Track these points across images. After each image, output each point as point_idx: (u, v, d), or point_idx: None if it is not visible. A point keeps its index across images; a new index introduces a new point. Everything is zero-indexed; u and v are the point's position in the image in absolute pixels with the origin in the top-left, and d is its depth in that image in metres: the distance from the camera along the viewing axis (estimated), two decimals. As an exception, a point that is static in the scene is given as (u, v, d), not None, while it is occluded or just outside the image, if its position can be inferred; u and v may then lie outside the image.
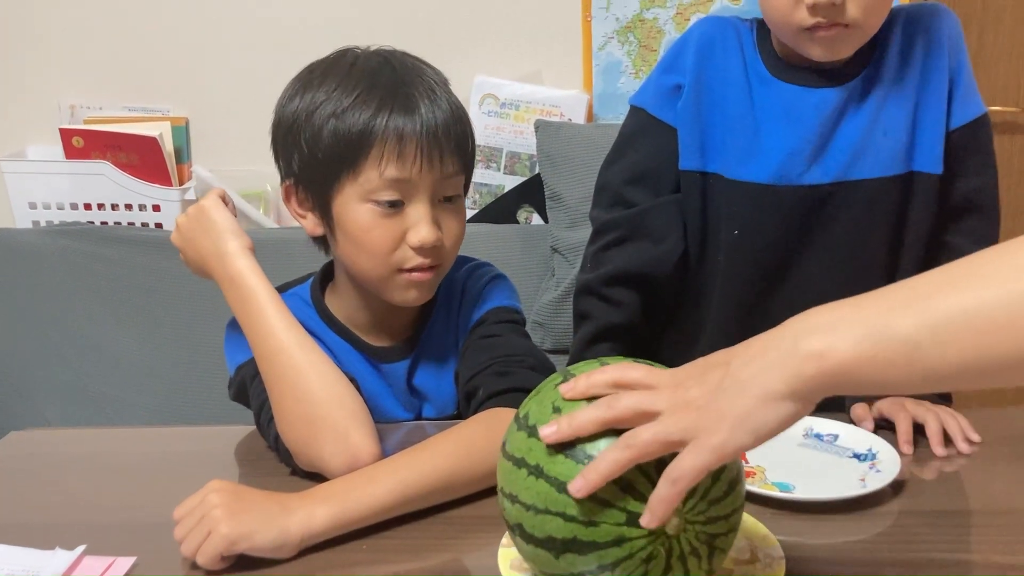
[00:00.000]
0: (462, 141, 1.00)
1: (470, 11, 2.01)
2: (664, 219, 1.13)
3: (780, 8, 1.03)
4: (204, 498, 0.81)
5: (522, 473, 0.68)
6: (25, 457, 1.05)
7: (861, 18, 1.00)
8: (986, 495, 0.89)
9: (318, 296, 1.08)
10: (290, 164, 1.00)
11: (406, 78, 0.98)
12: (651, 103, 1.15)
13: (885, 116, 1.08)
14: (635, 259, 1.13)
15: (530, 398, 0.73)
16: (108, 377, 1.85)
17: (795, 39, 1.05)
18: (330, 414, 0.91)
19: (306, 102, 0.98)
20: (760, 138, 1.10)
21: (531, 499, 0.67)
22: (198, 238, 1.00)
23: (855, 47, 1.05)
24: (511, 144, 2.01)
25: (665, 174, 1.13)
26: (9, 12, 2.06)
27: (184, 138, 2.04)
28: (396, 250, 0.97)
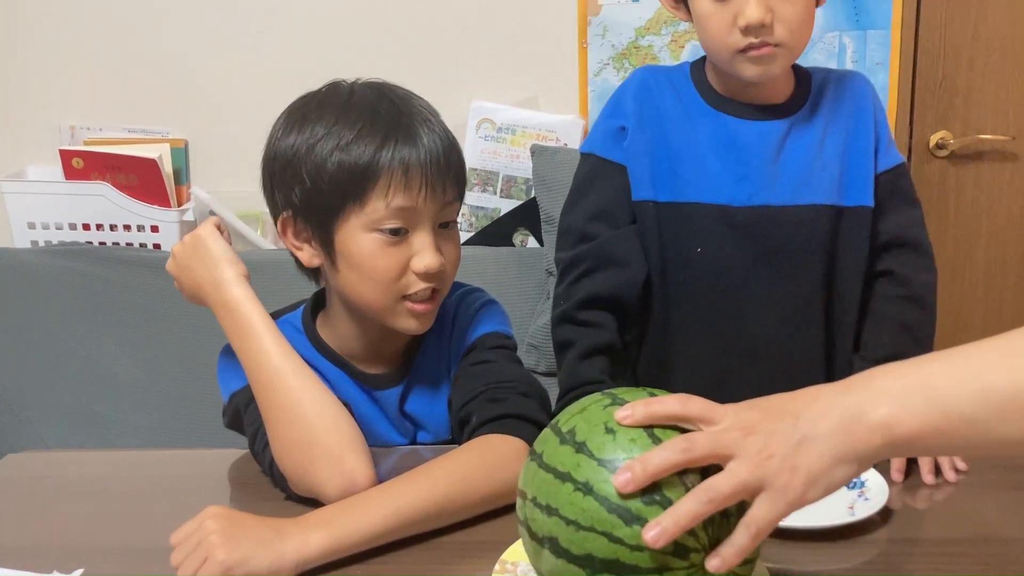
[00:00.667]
0: (459, 168, 1.02)
1: (468, 37, 2.03)
2: (626, 246, 1.20)
3: (716, 34, 1.13)
4: (201, 524, 0.82)
5: (567, 487, 0.68)
6: (23, 480, 1.06)
7: (788, 38, 1.11)
8: (974, 524, 0.91)
9: (310, 324, 1.09)
10: (289, 197, 1.01)
11: (404, 109, 1.00)
12: (599, 147, 1.24)
13: (823, 150, 1.19)
14: (605, 284, 1.19)
15: (573, 413, 0.72)
16: (104, 397, 1.86)
17: (730, 61, 1.14)
18: (325, 439, 0.92)
19: (305, 136, 0.99)
20: (707, 164, 1.19)
21: (575, 515, 0.67)
22: (194, 266, 1.01)
23: (783, 67, 1.16)
24: (507, 168, 2.03)
25: (621, 209, 1.21)
26: (11, 34, 2.08)
27: (183, 160, 2.06)
28: (401, 277, 0.99)
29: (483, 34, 2.03)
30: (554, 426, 0.73)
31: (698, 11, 1.14)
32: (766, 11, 1.09)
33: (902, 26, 1.99)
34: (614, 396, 0.72)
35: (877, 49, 2.00)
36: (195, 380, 1.83)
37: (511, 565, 0.80)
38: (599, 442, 0.68)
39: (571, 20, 2.02)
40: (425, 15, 2.03)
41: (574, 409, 0.73)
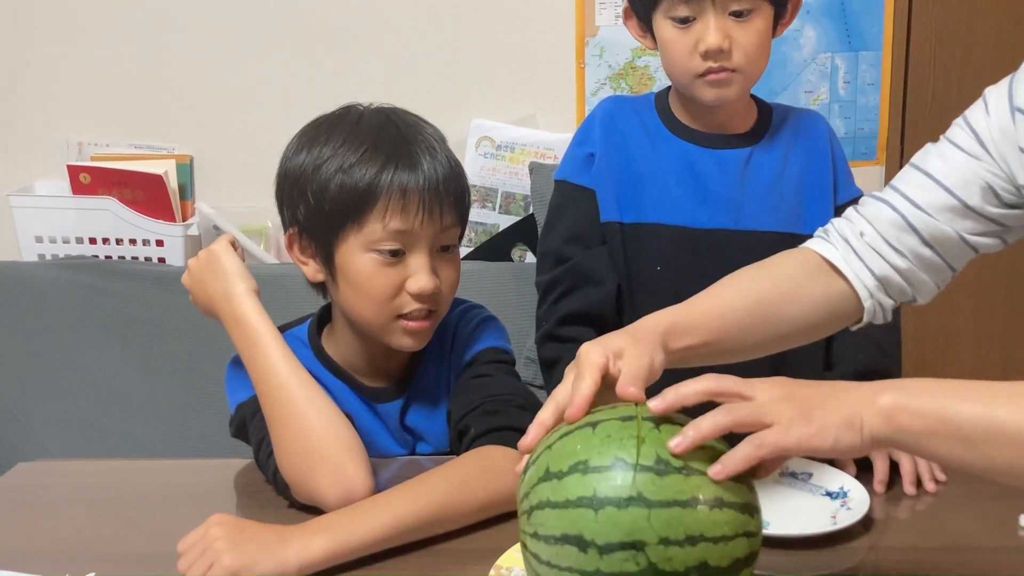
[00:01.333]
0: (460, 195, 1.06)
1: (468, 57, 2.07)
2: (599, 264, 1.27)
3: (678, 58, 1.20)
4: (207, 531, 0.86)
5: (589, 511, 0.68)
6: (33, 488, 1.09)
7: (744, 64, 1.19)
8: (953, 533, 0.94)
9: (315, 337, 1.12)
10: (295, 214, 1.06)
11: (408, 135, 1.04)
12: (570, 174, 1.32)
13: (782, 180, 1.27)
14: (583, 302, 1.26)
15: (544, 455, 0.73)
16: (109, 408, 1.88)
17: (690, 84, 1.22)
18: (327, 448, 0.95)
19: (312, 156, 1.03)
20: (669, 188, 1.27)
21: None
22: (207, 280, 1.05)
23: (739, 91, 1.23)
24: (506, 185, 2.06)
25: (591, 231, 1.29)
26: (20, 52, 2.12)
27: (188, 175, 2.09)
28: (396, 297, 1.02)
29: (484, 54, 2.07)
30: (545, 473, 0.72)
31: (662, 37, 1.22)
32: (724, 37, 1.17)
33: (893, 47, 2.03)
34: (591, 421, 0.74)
35: (869, 70, 2.04)
36: (198, 392, 1.86)
37: (505, 570, 0.84)
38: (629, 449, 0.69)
39: (569, 41, 2.06)
40: (427, 36, 2.07)
41: (545, 454, 0.73)
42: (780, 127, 1.30)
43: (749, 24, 1.19)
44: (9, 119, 2.14)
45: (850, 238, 0.97)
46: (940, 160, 0.94)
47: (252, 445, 1.05)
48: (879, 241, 0.96)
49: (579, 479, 0.69)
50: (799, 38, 2.06)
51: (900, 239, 0.95)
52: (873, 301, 0.97)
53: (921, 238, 0.94)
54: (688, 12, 1.18)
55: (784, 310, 0.96)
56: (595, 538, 0.68)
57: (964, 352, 2.14)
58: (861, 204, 1.00)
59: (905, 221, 0.94)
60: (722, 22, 1.18)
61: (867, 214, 0.97)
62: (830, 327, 0.99)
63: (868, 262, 0.96)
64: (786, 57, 2.05)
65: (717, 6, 1.18)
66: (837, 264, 0.97)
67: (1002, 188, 0.92)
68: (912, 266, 0.95)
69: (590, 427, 0.72)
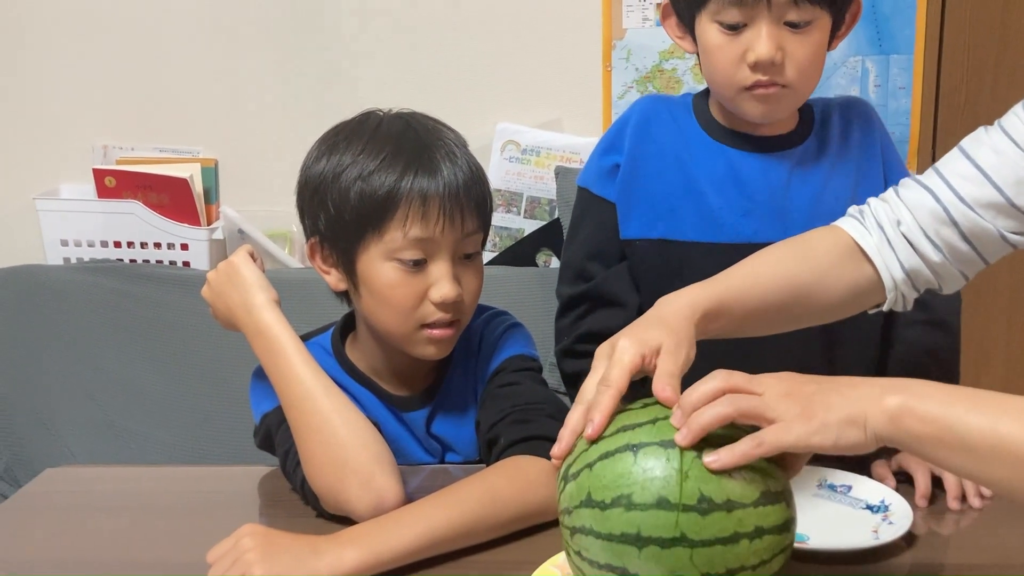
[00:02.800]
0: (481, 201, 1.04)
1: (494, 60, 2.06)
2: (619, 285, 1.20)
3: (723, 68, 1.10)
4: (238, 541, 0.85)
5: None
6: (61, 494, 1.09)
7: (796, 80, 1.09)
8: (998, 550, 0.91)
9: (339, 346, 1.11)
10: (316, 223, 1.05)
11: (428, 141, 1.02)
12: (592, 182, 1.24)
13: (831, 183, 1.17)
14: (603, 323, 1.19)
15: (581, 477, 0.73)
16: (133, 412, 1.88)
17: (735, 98, 1.12)
18: (355, 458, 0.94)
19: (332, 164, 1.02)
20: (708, 200, 1.17)
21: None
22: (227, 291, 1.04)
23: (789, 109, 1.14)
24: (531, 189, 2.05)
25: (611, 247, 1.21)
26: (46, 56, 2.12)
27: (213, 179, 2.09)
28: (419, 306, 1.01)
29: (509, 57, 2.06)
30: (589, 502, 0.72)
31: (705, 42, 1.11)
32: (777, 48, 1.06)
33: (925, 51, 2.00)
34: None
35: (900, 73, 2.02)
36: (222, 398, 1.85)
37: (540, 584, 0.82)
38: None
39: (596, 44, 2.05)
40: (452, 39, 2.06)
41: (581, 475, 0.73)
42: (825, 125, 1.19)
43: (806, 36, 1.07)
44: (35, 122, 2.15)
45: (885, 226, 0.95)
46: (992, 153, 0.91)
47: (279, 456, 1.04)
48: (916, 232, 0.93)
49: (623, 515, 0.70)
50: (829, 41, 2.03)
51: (939, 232, 0.93)
52: (897, 293, 0.95)
53: (960, 233, 0.92)
54: (739, 18, 1.06)
55: (815, 294, 0.95)
56: (639, 572, 0.70)
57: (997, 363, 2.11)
58: (902, 187, 0.97)
59: (947, 214, 0.92)
60: (776, 31, 1.06)
61: (908, 201, 0.95)
62: (850, 311, 0.98)
63: (900, 254, 0.94)
64: (815, 60, 2.03)
65: (772, 13, 1.05)
66: (869, 252, 0.95)
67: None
68: (946, 260, 0.93)
69: (631, 452, 0.72)
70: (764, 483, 0.71)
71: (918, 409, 0.69)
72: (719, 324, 0.90)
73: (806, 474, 1.00)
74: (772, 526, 0.70)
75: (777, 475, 0.73)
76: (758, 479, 0.71)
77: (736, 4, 1.05)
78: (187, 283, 1.91)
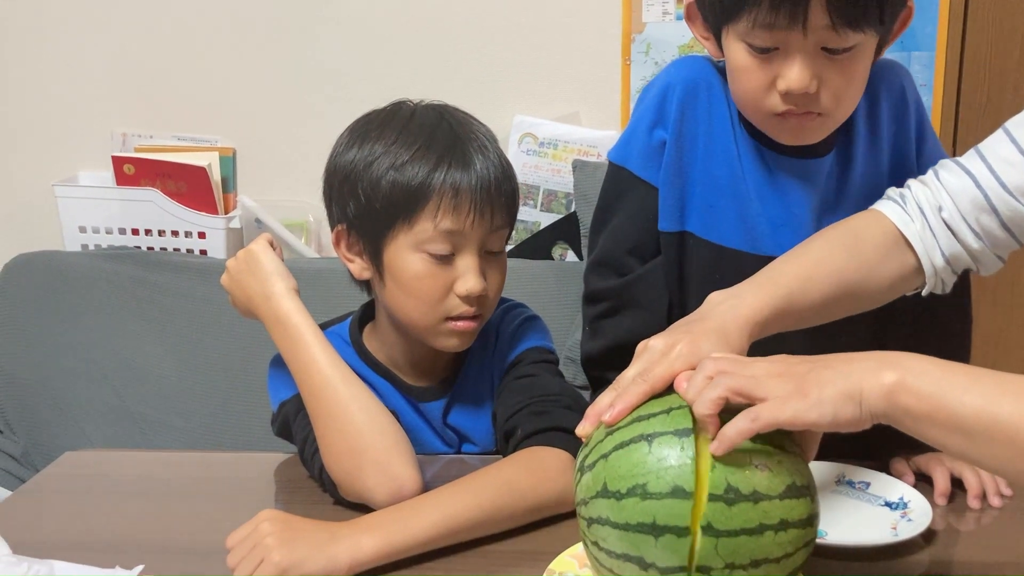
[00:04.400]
0: (511, 196, 1.04)
1: (512, 53, 2.06)
2: (650, 287, 1.10)
3: (751, 92, 0.98)
4: (257, 526, 0.85)
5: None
6: (81, 477, 1.10)
7: (833, 108, 0.97)
8: (1019, 549, 0.91)
9: (357, 336, 1.11)
10: (344, 211, 1.04)
11: (461, 134, 1.02)
12: (634, 161, 1.09)
13: (863, 181, 1.07)
14: (628, 329, 1.09)
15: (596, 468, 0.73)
16: (148, 399, 1.90)
17: (764, 123, 1.02)
18: (373, 446, 0.95)
19: (364, 153, 1.02)
20: (751, 206, 1.06)
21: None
22: (246, 280, 1.04)
23: (824, 135, 1.02)
24: (548, 182, 2.05)
25: (650, 240, 1.09)
26: (66, 44, 2.13)
27: (231, 168, 2.10)
28: (444, 299, 1.01)
29: (527, 50, 2.06)
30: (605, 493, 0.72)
31: (733, 60, 0.98)
32: (812, 78, 0.93)
33: (947, 48, 1.99)
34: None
35: (922, 71, 2.00)
36: (237, 385, 1.86)
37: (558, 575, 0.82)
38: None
39: (615, 37, 2.04)
40: (470, 31, 2.06)
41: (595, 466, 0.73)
42: (858, 111, 1.05)
43: (847, 63, 0.94)
44: (55, 110, 2.16)
45: (927, 211, 0.94)
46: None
47: (296, 443, 1.04)
48: (958, 220, 0.93)
49: (638, 504, 0.70)
50: (850, 37, 2.02)
51: (979, 220, 0.92)
52: (937, 278, 0.96)
53: (1000, 221, 0.92)
54: (770, 42, 0.93)
55: (864, 288, 0.94)
56: (656, 561, 0.70)
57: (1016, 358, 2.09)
58: (943, 168, 0.96)
59: (987, 202, 0.91)
60: (811, 59, 0.92)
61: (949, 186, 0.94)
62: (891, 297, 0.98)
63: (941, 241, 0.94)
64: (836, 56, 2.02)
65: (809, 39, 0.91)
66: (912, 240, 0.94)
67: None
68: (984, 246, 0.94)
69: (646, 442, 0.72)
70: (790, 477, 0.71)
71: (913, 385, 0.67)
72: (778, 328, 0.89)
73: (824, 470, 1.00)
74: (797, 519, 0.70)
75: (803, 470, 0.73)
76: (784, 472, 0.70)
77: (767, 27, 0.91)
78: (204, 271, 1.92)
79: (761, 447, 0.70)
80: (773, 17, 0.90)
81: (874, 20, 0.92)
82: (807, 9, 0.89)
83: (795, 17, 0.90)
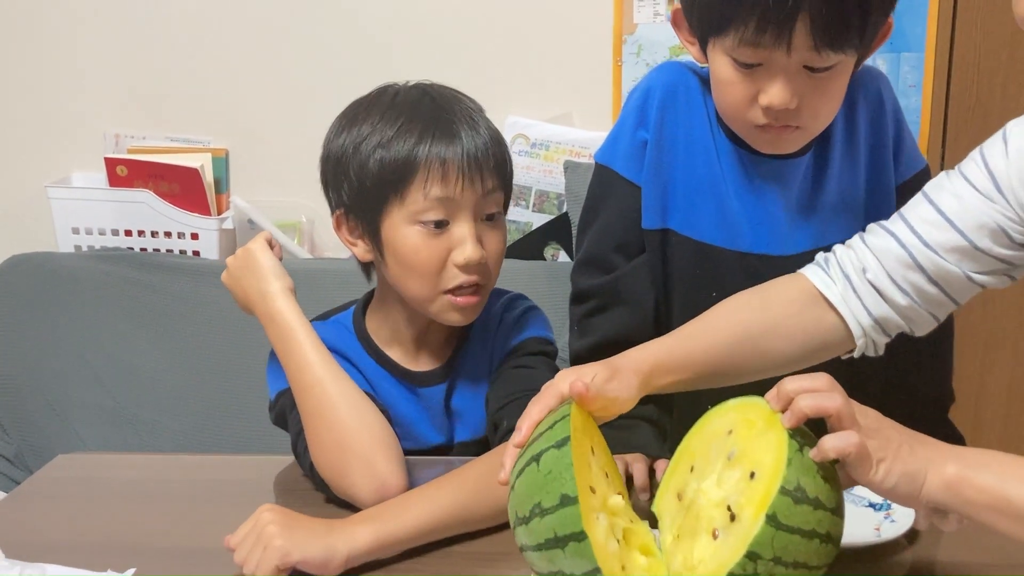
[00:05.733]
0: (500, 160, 1.05)
1: (504, 54, 2.07)
2: (637, 284, 1.13)
3: (734, 104, 1.01)
4: (258, 518, 0.87)
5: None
6: (73, 480, 1.10)
7: (811, 122, 1.01)
8: (1000, 549, 0.90)
9: (360, 323, 1.13)
10: (340, 195, 1.07)
11: (445, 106, 1.04)
12: (618, 161, 1.12)
13: (844, 183, 1.10)
14: (617, 326, 1.13)
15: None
16: (142, 400, 1.90)
17: (744, 132, 1.05)
18: (359, 443, 0.97)
19: (352, 136, 1.04)
20: (728, 203, 1.09)
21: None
22: (244, 278, 1.06)
23: (802, 144, 1.06)
24: (540, 183, 2.05)
25: (632, 236, 1.12)
26: (59, 45, 2.13)
27: (223, 169, 2.10)
28: (443, 270, 1.02)
29: (519, 51, 2.06)
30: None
31: (717, 73, 1.01)
32: (793, 95, 0.96)
33: (936, 49, 1.99)
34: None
35: (911, 71, 2.01)
36: (232, 386, 1.87)
37: None
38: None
39: (606, 38, 2.05)
40: (462, 32, 2.07)
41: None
42: (834, 123, 1.08)
43: (827, 81, 0.97)
44: (48, 111, 2.16)
45: (851, 274, 0.95)
46: (954, 199, 0.92)
47: (291, 436, 1.06)
48: (883, 278, 0.94)
49: (540, 522, 0.73)
50: (840, 38, 2.03)
51: (906, 276, 0.93)
52: (867, 339, 0.96)
53: (927, 276, 0.93)
54: (754, 59, 0.96)
55: (772, 344, 0.95)
56: (573, 570, 0.72)
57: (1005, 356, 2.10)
58: (869, 233, 0.97)
59: (912, 259, 0.93)
60: (793, 77, 0.96)
61: (874, 247, 0.95)
62: (818, 359, 0.97)
63: (867, 302, 0.95)
64: (826, 57, 2.03)
65: (792, 57, 0.94)
66: (833, 301, 0.95)
67: (1014, 230, 0.91)
68: (914, 303, 0.94)
69: (535, 462, 0.75)
70: (840, 498, 0.75)
71: (975, 479, 0.74)
72: (670, 380, 0.91)
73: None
74: (835, 538, 0.75)
75: (843, 499, 0.76)
76: (837, 492, 0.75)
77: (752, 44, 0.94)
78: (197, 272, 1.92)
79: (830, 464, 0.75)
80: (759, 36, 0.93)
81: (855, 42, 0.96)
82: (792, 31, 0.92)
83: (780, 37, 0.92)
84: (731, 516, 0.74)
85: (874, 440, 0.75)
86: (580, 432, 0.77)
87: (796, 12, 0.90)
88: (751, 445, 0.77)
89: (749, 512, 0.72)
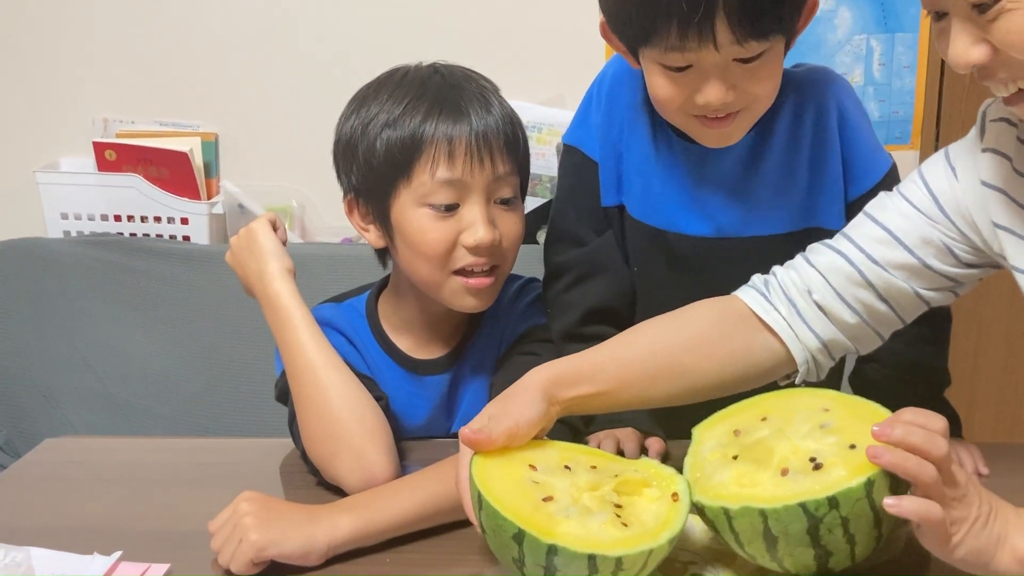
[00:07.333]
0: (513, 141, 1.03)
1: (494, 35, 2.05)
2: (613, 252, 1.13)
3: (668, 102, 0.99)
4: (235, 508, 0.86)
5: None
6: (61, 464, 1.09)
7: (751, 103, 0.99)
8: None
9: (372, 308, 1.12)
10: (350, 179, 1.05)
11: (455, 83, 1.03)
12: (584, 142, 1.14)
13: (780, 178, 1.08)
14: (598, 295, 1.12)
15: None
16: (132, 385, 1.89)
17: (687, 127, 1.03)
18: (348, 433, 0.95)
19: (361, 117, 1.03)
20: (653, 184, 1.10)
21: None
22: (245, 258, 1.05)
23: (745, 131, 1.04)
24: (532, 166, 2.02)
25: (598, 213, 1.13)
26: (45, 28, 2.11)
27: (213, 153, 2.09)
28: (452, 252, 1.00)
29: (510, 32, 2.05)
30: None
31: (650, 79, 0.99)
32: (727, 90, 0.95)
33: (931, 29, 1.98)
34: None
35: (905, 52, 2.00)
36: (221, 371, 1.86)
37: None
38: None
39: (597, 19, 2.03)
40: (452, 13, 2.05)
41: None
42: (780, 110, 1.05)
43: (759, 68, 0.96)
44: (36, 96, 2.14)
45: (795, 298, 0.93)
46: (900, 217, 0.91)
47: (288, 416, 1.05)
48: (830, 297, 0.92)
49: (525, 567, 0.75)
50: (834, 19, 2.02)
51: (855, 295, 0.92)
52: (809, 364, 0.94)
53: (877, 294, 0.92)
54: (683, 63, 0.94)
55: (694, 362, 0.91)
56: (576, 572, 0.74)
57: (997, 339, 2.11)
58: (811, 252, 0.95)
59: (862, 277, 0.91)
60: (725, 73, 0.95)
61: (820, 266, 0.93)
62: (750, 384, 0.93)
63: (813, 325, 0.93)
64: (820, 39, 2.02)
65: (721, 54, 0.92)
66: (773, 325, 0.92)
67: (960, 250, 0.91)
68: (862, 321, 0.93)
69: (483, 531, 0.78)
70: (898, 531, 0.81)
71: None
72: (577, 392, 0.87)
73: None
74: (879, 544, 0.78)
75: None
76: (902, 526, 0.79)
77: (678, 49, 0.93)
78: (187, 257, 1.91)
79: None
80: (683, 41, 0.92)
81: (776, 27, 0.95)
82: (713, 29, 0.91)
83: (703, 38, 0.92)
84: (815, 466, 0.75)
85: (955, 511, 0.74)
86: (496, 470, 0.78)
87: (713, 11, 0.90)
88: (852, 427, 0.78)
89: (842, 471, 0.74)
